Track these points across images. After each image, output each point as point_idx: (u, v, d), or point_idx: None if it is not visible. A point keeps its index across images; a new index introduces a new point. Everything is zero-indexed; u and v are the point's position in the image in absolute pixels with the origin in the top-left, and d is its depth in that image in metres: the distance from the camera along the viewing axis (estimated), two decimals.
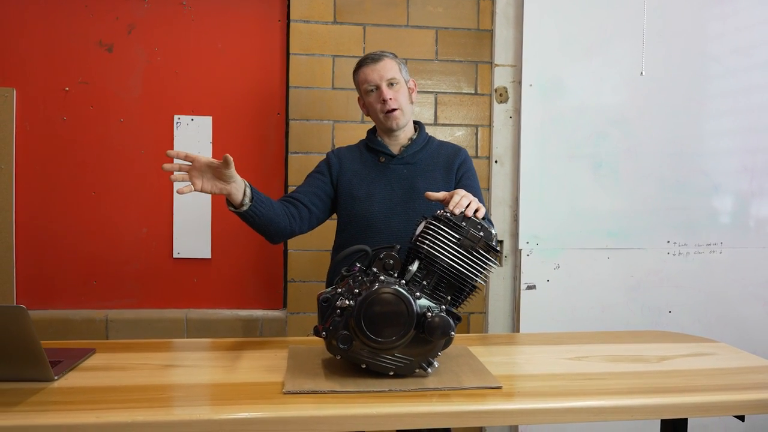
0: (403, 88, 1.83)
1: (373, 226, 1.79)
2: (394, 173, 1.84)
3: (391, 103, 1.78)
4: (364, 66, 1.82)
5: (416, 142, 1.87)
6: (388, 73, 1.80)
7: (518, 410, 1.19)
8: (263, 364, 1.40)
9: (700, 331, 2.51)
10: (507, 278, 2.52)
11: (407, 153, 1.85)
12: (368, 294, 1.24)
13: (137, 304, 2.45)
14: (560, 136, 2.48)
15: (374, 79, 1.80)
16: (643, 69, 1.91)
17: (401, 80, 1.82)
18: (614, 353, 1.54)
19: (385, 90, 1.79)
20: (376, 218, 1.79)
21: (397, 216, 1.79)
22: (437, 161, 1.85)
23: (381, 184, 1.82)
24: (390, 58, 1.83)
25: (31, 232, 2.39)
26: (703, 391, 1.27)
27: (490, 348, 1.58)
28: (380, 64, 1.80)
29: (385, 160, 1.85)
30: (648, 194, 2.52)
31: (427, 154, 1.87)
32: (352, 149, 1.92)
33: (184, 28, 2.43)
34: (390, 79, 1.80)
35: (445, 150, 1.89)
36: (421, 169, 1.84)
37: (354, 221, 1.82)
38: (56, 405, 1.13)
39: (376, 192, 1.81)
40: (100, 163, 2.42)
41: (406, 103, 1.83)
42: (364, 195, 1.81)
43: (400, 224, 1.78)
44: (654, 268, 2.53)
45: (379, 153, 1.86)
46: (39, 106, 2.38)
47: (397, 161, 1.84)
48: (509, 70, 2.50)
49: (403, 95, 1.82)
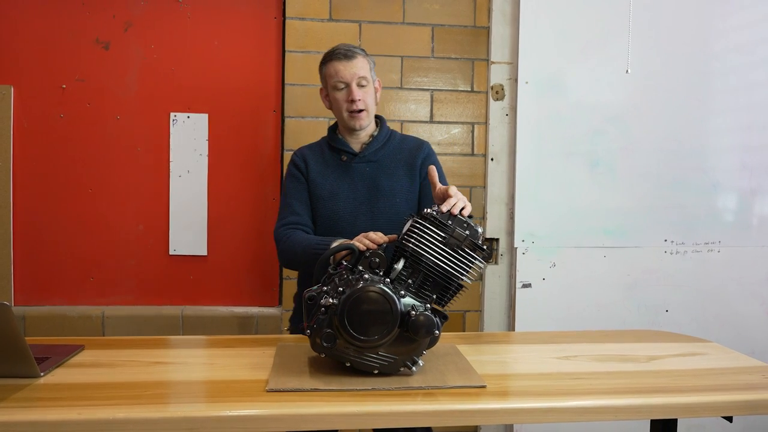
0: (371, 88, 1.81)
1: (338, 226, 1.78)
2: (357, 172, 1.82)
3: (360, 104, 1.77)
4: (336, 60, 1.78)
5: (378, 139, 1.85)
6: (360, 71, 1.77)
7: (501, 409, 1.18)
8: (251, 362, 1.40)
9: (698, 330, 2.50)
10: (503, 276, 2.51)
11: (369, 151, 1.83)
12: (352, 292, 1.24)
13: (133, 300, 2.46)
14: (556, 134, 2.46)
15: (345, 77, 1.76)
16: (628, 67, 1.89)
17: (370, 80, 1.81)
18: (603, 353, 1.53)
19: (355, 90, 1.76)
20: (341, 218, 1.79)
21: (362, 215, 1.79)
22: (399, 158, 1.84)
23: (345, 184, 1.81)
24: (362, 56, 1.80)
25: (28, 229, 2.40)
26: (690, 391, 1.26)
27: (479, 347, 1.58)
28: (353, 62, 1.77)
29: (347, 158, 1.83)
30: (645, 192, 2.50)
31: (389, 150, 1.85)
32: (314, 148, 1.90)
33: (180, 26, 2.43)
34: (361, 79, 1.77)
35: (407, 145, 1.87)
36: (383, 166, 1.82)
37: (319, 221, 1.81)
38: (40, 401, 1.14)
39: (340, 192, 1.80)
40: (96, 160, 2.42)
41: (372, 104, 1.82)
42: (327, 195, 1.81)
43: (365, 224, 1.77)
44: (651, 266, 2.52)
45: (341, 151, 1.84)
46: (36, 104, 2.39)
47: (360, 159, 1.83)
48: (505, 68, 2.49)
49: (371, 96, 1.81)
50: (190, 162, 2.45)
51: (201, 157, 2.45)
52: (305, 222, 1.80)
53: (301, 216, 1.80)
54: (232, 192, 2.47)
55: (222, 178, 2.47)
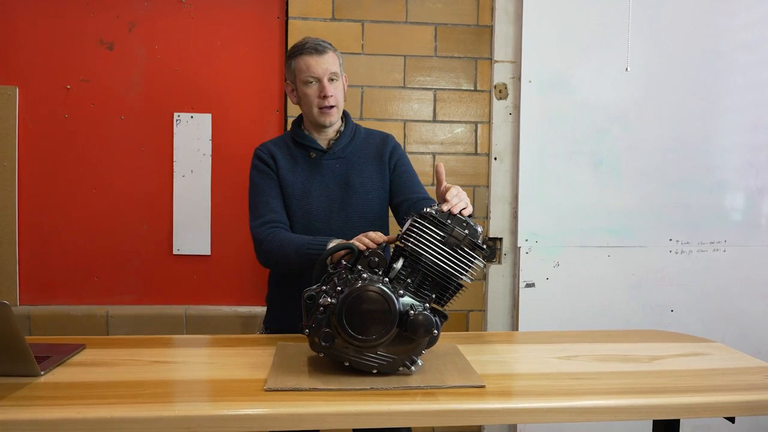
0: (341, 84, 1.79)
1: (313, 224, 1.76)
2: (328, 169, 1.79)
3: (331, 99, 1.74)
4: (307, 55, 1.74)
5: (345, 135, 1.82)
6: (331, 67, 1.74)
7: (500, 409, 1.18)
8: (251, 361, 1.40)
9: (703, 330, 2.48)
10: (506, 276, 2.50)
11: (338, 147, 1.80)
12: (350, 292, 1.23)
13: (137, 300, 2.47)
14: (560, 133, 2.45)
15: (317, 72, 1.73)
16: (628, 65, 1.88)
17: (340, 76, 1.78)
18: (605, 352, 1.52)
19: (327, 85, 1.73)
20: (316, 217, 1.77)
21: (335, 213, 1.77)
22: (368, 153, 1.82)
23: (317, 182, 1.78)
24: (332, 52, 1.77)
25: (33, 229, 2.42)
26: (691, 391, 1.25)
27: (480, 346, 1.57)
28: (325, 57, 1.73)
29: (315, 155, 1.80)
30: (650, 191, 2.49)
31: (356, 146, 1.83)
32: (278, 143, 1.84)
33: (183, 26, 2.44)
34: (332, 74, 1.75)
35: (373, 139, 1.85)
36: (353, 162, 1.80)
37: (293, 219, 1.77)
38: (40, 400, 1.14)
39: (312, 190, 1.77)
40: (101, 160, 2.44)
41: (341, 100, 1.79)
42: (300, 193, 1.77)
43: (339, 221, 1.76)
44: (656, 266, 2.50)
45: (309, 148, 1.80)
46: (41, 104, 2.40)
47: (329, 156, 1.80)
48: (509, 67, 2.48)
49: (341, 91, 1.78)
50: (193, 162, 2.45)
51: (204, 157, 2.46)
52: (283, 220, 1.75)
53: (279, 213, 1.75)
54: (235, 191, 2.47)
55: (225, 177, 2.47)
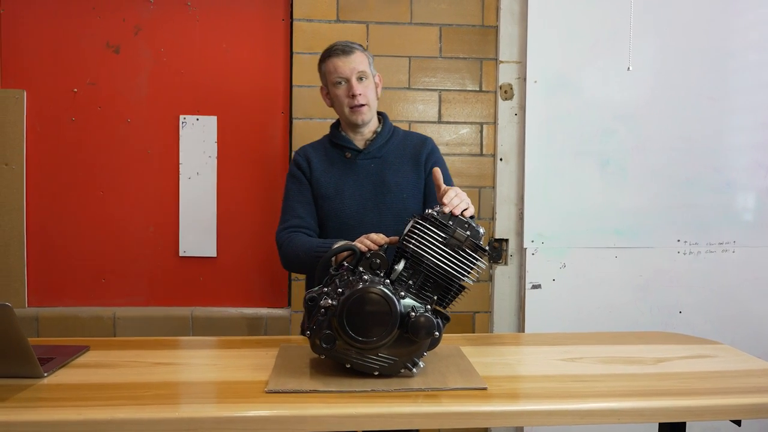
0: (371, 83, 1.81)
1: (345, 223, 1.78)
2: (363, 169, 1.82)
3: (361, 98, 1.77)
4: (334, 57, 1.79)
5: (381, 135, 1.84)
6: (359, 66, 1.77)
7: (501, 412, 1.17)
8: (253, 363, 1.41)
9: (712, 332, 2.45)
10: (512, 277, 2.49)
11: (373, 147, 1.83)
12: (351, 293, 1.23)
13: (144, 301, 2.48)
14: (566, 133, 2.44)
15: (345, 72, 1.77)
16: (630, 64, 1.86)
17: (370, 75, 1.81)
18: (609, 354, 1.51)
19: (355, 84, 1.77)
20: (349, 216, 1.78)
21: (369, 212, 1.78)
22: (404, 153, 1.83)
23: (350, 181, 1.81)
24: (360, 51, 1.80)
25: (41, 231, 2.44)
26: (696, 394, 1.24)
27: (483, 348, 1.56)
28: (352, 57, 1.77)
29: (351, 155, 1.83)
30: (657, 191, 2.47)
31: (393, 146, 1.85)
32: (316, 146, 1.90)
33: (189, 29, 2.45)
34: (360, 73, 1.78)
35: (411, 141, 1.87)
36: (389, 162, 1.82)
37: (326, 220, 1.80)
38: (42, 401, 1.15)
39: (345, 189, 1.80)
40: (107, 163, 2.45)
41: (373, 98, 1.82)
42: (333, 193, 1.80)
43: (373, 220, 1.77)
44: (664, 267, 2.48)
45: (345, 148, 1.83)
46: (48, 107, 2.42)
47: (364, 156, 1.82)
48: (514, 67, 2.47)
49: (371, 90, 1.81)
50: (199, 164, 2.46)
51: (210, 159, 2.47)
52: (307, 224, 1.80)
53: (303, 219, 1.80)
54: (241, 193, 2.48)
55: (231, 179, 2.48)
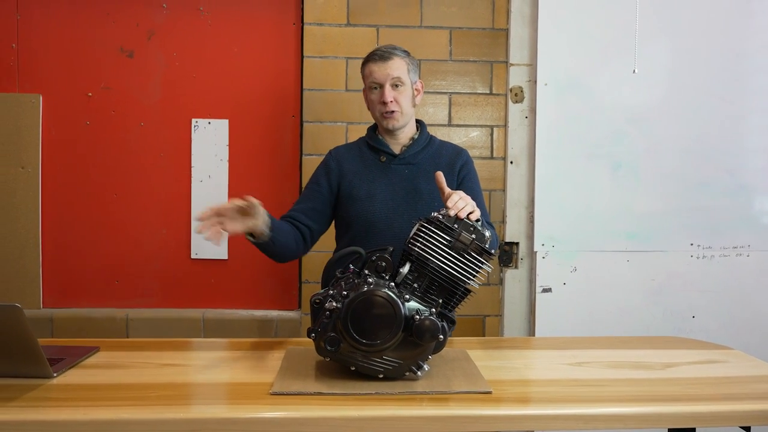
0: (408, 90, 1.79)
1: (374, 227, 1.77)
2: (396, 173, 1.81)
3: (392, 105, 1.75)
4: (371, 62, 1.79)
5: (418, 142, 1.84)
6: (394, 72, 1.75)
7: (505, 416, 1.16)
8: (260, 365, 1.41)
9: (726, 337, 2.42)
10: (523, 281, 2.48)
11: (409, 153, 1.82)
12: (355, 296, 1.24)
13: (156, 303, 2.50)
14: (577, 136, 2.42)
15: (379, 78, 1.76)
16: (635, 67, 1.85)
17: (407, 81, 1.78)
18: (617, 359, 1.49)
19: (388, 91, 1.75)
20: (378, 219, 1.77)
21: (399, 217, 1.76)
22: (439, 162, 1.82)
23: (382, 184, 1.80)
24: (400, 57, 1.78)
25: (56, 233, 2.47)
26: (705, 400, 1.23)
27: (490, 352, 1.56)
28: (388, 63, 1.76)
29: (386, 159, 1.82)
30: (670, 194, 2.44)
31: (428, 154, 1.84)
32: (351, 148, 1.90)
33: (201, 34, 2.47)
34: (395, 80, 1.76)
35: (446, 151, 1.86)
36: (423, 169, 1.81)
37: (355, 222, 1.79)
38: (50, 401, 1.17)
39: (377, 192, 1.79)
40: (121, 166, 2.48)
41: (407, 105, 1.79)
42: (364, 195, 1.79)
43: (402, 226, 1.74)
44: (676, 271, 2.45)
45: (380, 152, 1.83)
46: (64, 112, 2.46)
47: (399, 161, 1.82)
48: (524, 70, 2.46)
49: (406, 97, 1.78)
50: (211, 167, 2.48)
51: (222, 162, 2.49)
52: (300, 218, 1.80)
53: (298, 212, 1.81)
54: (252, 196, 2.48)
55: (242, 182, 2.49)
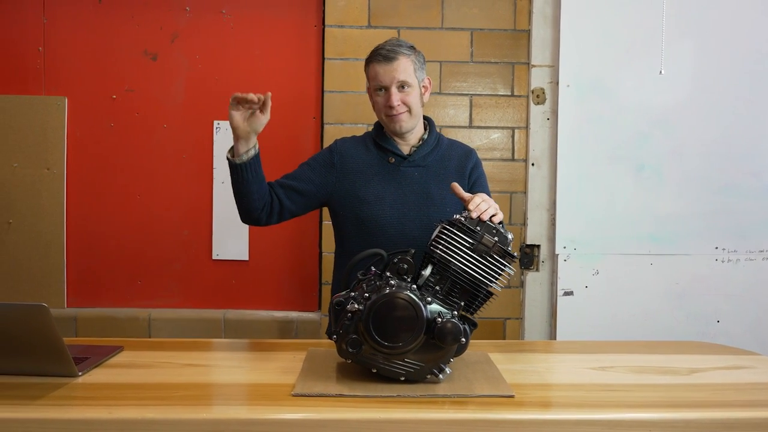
0: (415, 90, 1.71)
1: (384, 231, 1.71)
2: (405, 176, 1.75)
3: (399, 108, 1.69)
4: (376, 63, 1.70)
5: (427, 143, 1.78)
6: (400, 75, 1.67)
7: (528, 420, 1.15)
8: (281, 366, 1.41)
9: (752, 342, 2.38)
10: (544, 284, 2.46)
11: (418, 155, 1.76)
12: (377, 298, 1.23)
13: (178, 303, 2.53)
14: (599, 138, 2.40)
15: (384, 81, 1.68)
16: (662, 68, 1.83)
17: (414, 83, 1.71)
18: (642, 364, 1.47)
19: (394, 94, 1.68)
20: (388, 223, 1.71)
21: (410, 222, 1.71)
22: (449, 164, 1.77)
23: (391, 187, 1.74)
24: (405, 56, 1.69)
25: (80, 234, 2.51)
26: (731, 406, 1.21)
27: (512, 355, 1.54)
28: (393, 65, 1.67)
29: (395, 161, 1.75)
30: (694, 197, 2.41)
31: (438, 156, 1.78)
32: (357, 143, 1.82)
33: (223, 36, 2.50)
34: (401, 82, 1.68)
35: (455, 151, 1.81)
36: (433, 172, 1.75)
37: (363, 225, 1.73)
38: (75, 400, 1.18)
39: (386, 195, 1.73)
40: (144, 168, 2.51)
41: (416, 106, 1.72)
42: (372, 198, 1.73)
43: (414, 231, 1.70)
44: (701, 274, 2.42)
45: (389, 152, 1.76)
46: (88, 114, 2.50)
47: (408, 163, 1.75)
48: (546, 71, 2.44)
49: (414, 97, 1.71)
50: None
51: None
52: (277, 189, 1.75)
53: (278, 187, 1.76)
54: None
55: None
